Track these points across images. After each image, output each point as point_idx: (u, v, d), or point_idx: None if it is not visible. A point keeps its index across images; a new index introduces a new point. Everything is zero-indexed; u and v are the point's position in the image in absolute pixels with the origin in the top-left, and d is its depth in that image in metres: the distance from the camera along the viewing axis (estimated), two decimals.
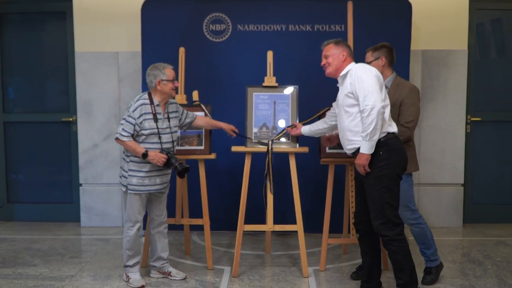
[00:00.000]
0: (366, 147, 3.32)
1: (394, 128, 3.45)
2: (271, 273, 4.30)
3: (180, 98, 4.48)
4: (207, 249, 4.35)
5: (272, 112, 4.36)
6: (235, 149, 4.27)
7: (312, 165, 5.07)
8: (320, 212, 4.56)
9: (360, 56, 3.96)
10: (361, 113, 3.32)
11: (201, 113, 4.39)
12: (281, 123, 4.34)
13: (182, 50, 4.58)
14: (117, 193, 5.65)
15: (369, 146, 3.32)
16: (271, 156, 4.19)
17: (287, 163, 4.24)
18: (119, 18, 5.59)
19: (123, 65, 5.63)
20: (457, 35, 5.59)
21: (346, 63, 3.56)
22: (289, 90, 4.39)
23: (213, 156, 4.36)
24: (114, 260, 4.60)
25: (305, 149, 4.25)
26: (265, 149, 4.21)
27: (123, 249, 3.97)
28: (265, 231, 4.89)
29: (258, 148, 4.25)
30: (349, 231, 4.43)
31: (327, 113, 4.03)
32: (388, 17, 5.26)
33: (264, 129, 4.33)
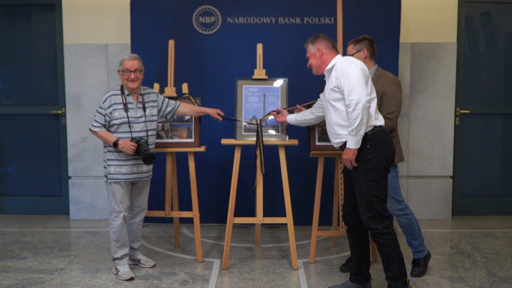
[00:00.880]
0: (352, 142, 3.32)
1: (381, 121, 3.45)
2: (260, 265, 4.31)
3: (170, 91, 4.47)
4: (197, 242, 4.36)
5: (262, 105, 4.35)
6: (225, 142, 4.28)
7: (302, 157, 5.09)
8: (309, 204, 4.58)
9: None
10: (346, 107, 3.31)
11: None
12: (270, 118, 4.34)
13: (171, 43, 4.56)
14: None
15: (355, 141, 3.31)
16: (261, 134, 4.20)
17: (277, 155, 4.25)
18: (108, 10, 5.55)
19: (112, 57, 5.59)
20: (446, 28, 5.61)
21: (327, 56, 3.54)
22: (279, 82, 4.39)
23: (202, 148, 4.36)
24: (103, 253, 4.60)
25: (295, 142, 4.25)
26: (254, 142, 4.22)
27: (110, 240, 4.00)
28: (254, 223, 4.90)
29: (248, 141, 4.25)
30: (338, 223, 4.45)
31: (314, 104, 4.03)
32: (377, 10, 5.26)
33: (254, 121, 4.32)
